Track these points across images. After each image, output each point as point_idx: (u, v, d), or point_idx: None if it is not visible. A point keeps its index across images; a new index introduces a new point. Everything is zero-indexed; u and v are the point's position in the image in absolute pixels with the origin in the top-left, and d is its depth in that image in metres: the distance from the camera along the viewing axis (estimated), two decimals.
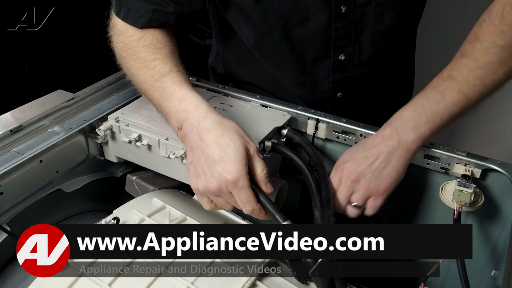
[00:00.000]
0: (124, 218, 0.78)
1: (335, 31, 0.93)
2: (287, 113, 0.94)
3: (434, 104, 0.76)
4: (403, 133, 0.76)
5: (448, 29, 1.44)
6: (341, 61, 0.97)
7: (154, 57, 0.80)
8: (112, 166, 1.01)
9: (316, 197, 0.74)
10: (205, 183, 0.69)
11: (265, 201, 0.70)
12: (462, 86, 0.76)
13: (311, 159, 0.83)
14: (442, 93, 0.76)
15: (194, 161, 0.71)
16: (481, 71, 0.75)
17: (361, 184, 0.76)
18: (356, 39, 0.95)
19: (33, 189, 0.85)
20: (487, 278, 0.82)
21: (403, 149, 0.76)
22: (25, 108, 0.92)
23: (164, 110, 0.77)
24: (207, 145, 0.69)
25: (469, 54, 0.76)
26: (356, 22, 0.93)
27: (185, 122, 0.72)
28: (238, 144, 0.69)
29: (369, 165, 0.76)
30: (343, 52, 0.96)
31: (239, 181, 0.67)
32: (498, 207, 0.84)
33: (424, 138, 0.77)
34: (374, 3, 0.92)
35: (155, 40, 0.83)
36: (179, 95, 0.75)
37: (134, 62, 0.82)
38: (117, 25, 0.86)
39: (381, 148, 0.76)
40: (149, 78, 0.79)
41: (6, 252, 0.83)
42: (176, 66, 0.80)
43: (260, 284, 0.71)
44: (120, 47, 0.85)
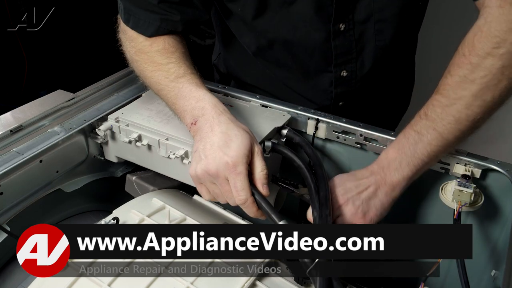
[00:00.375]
0: (124, 218, 0.78)
1: (335, 48, 0.94)
2: (287, 113, 0.94)
3: (412, 145, 0.76)
4: (388, 173, 0.77)
5: (448, 29, 1.43)
6: (343, 77, 0.98)
7: (168, 60, 0.83)
8: (112, 166, 1.01)
9: (314, 197, 0.74)
10: (204, 165, 0.70)
11: (261, 201, 0.70)
12: (436, 124, 0.74)
13: (311, 159, 0.83)
14: (418, 133, 0.75)
15: (199, 148, 0.72)
16: (453, 108, 0.72)
17: (348, 208, 0.76)
18: (358, 56, 0.96)
19: (33, 189, 0.85)
20: (487, 278, 0.82)
21: (389, 187, 0.77)
22: (25, 108, 0.92)
23: (179, 107, 0.79)
24: (215, 134, 0.71)
25: (442, 90, 0.74)
26: (356, 39, 0.94)
27: (201, 118, 0.74)
28: (245, 137, 0.71)
29: (359, 193, 0.76)
30: (345, 68, 0.97)
31: (238, 166, 0.68)
32: (498, 207, 0.84)
33: (408, 179, 0.77)
34: (373, 20, 0.92)
35: (167, 44, 0.85)
36: (196, 94, 0.77)
37: (148, 66, 0.84)
38: (128, 31, 0.88)
39: (370, 180, 0.77)
40: (163, 79, 0.81)
41: (6, 252, 0.83)
42: (189, 68, 0.83)
43: (260, 284, 0.71)
44: (133, 52, 0.87)
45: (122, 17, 0.89)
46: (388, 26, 0.93)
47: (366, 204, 0.76)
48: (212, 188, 0.73)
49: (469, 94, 0.70)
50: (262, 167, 0.71)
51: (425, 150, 0.75)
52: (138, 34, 0.87)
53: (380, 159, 0.79)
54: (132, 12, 0.86)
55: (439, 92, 0.74)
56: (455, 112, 0.72)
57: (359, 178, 0.78)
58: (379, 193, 0.76)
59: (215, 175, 0.70)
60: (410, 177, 0.77)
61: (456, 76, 0.71)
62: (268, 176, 0.72)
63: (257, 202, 0.70)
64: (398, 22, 0.93)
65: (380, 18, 0.91)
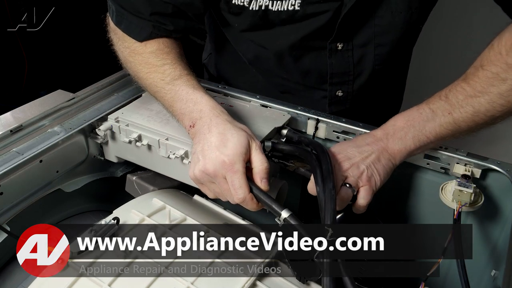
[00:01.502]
0: (124, 218, 0.78)
1: (331, 67, 0.94)
2: (287, 113, 0.94)
3: (423, 121, 0.77)
4: (391, 140, 0.78)
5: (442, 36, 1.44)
6: (338, 96, 0.99)
7: (163, 62, 0.82)
8: (112, 166, 1.01)
9: (318, 173, 0.73)
10: (201, 166, 0.70)
11: (261, 194, 0.69)
12: (454, 110, 0.75)
13: (310, 144, 0.82)
14: (433, 112, 0.77)
15: (197, 150, 0.72)
16: (476, 100, 0.73)
17: (354, 173, 0.76)
18: (355, 79, 0.96)
19: (33, 189, 0.85)
20: (487, 278, 0.82)
21: (390, 154, 0.78)
22: (25, 108, 0.92)
23: (177, 110, 0.79)
24: (212, 135, 0.71)
25: (470, 79, 0.75)
26: (356, 63, 0.94)
27: (199, 121, 0.75)
28: (242, 136, 0.71)
29: (363, 158, 0.77)
30: (340, 89, 0.98)
31: (235, 164, 0.69)
32: (498, 207, 0.84)
33: (409, 151, 0.78)
34: (373, 44, 0.92)
35: (161, 45, 0.84)
36: (193, 97, 0.77)
37: (142, 67, 0.83)
38: (119, 32, 0.87)
39: (373, 147, 0.78)
40: (159, 81, 0.81)
41: (6, 252, 0.83)
42: (185, 69, 0.82)
43: (260, 284, 0.71)
44: (126, 53, 0.86)
45: (113, 19, 0.87)
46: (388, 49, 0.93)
47: (370, 169, 0.76)
48: (213, 187, 0.73)
49: (496, 91, 0.71)
50: (261, 162, 0.71)
51: (434, 130, 0.76)
52: None
53: (387, 126, 0.80)
54: (124, 16, 0.85)
55: (467, 81, 0.75)
56: (476, 104, 0.73)
57: (361, 145, 0.79)
58: (382, 159, 0.77)
59: (213, 174, 0.70)
60: (411, 150, 0.78)
61: (489, 71, 0.72)
62: (268, 171, 0.71)
63: (256, 197, 0.70)
64: (397, 43, 0.93)
65: (380, 41, 0.91)
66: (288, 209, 0.68)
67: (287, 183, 0.84)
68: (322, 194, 0.70)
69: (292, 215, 0.67)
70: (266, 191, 0.71)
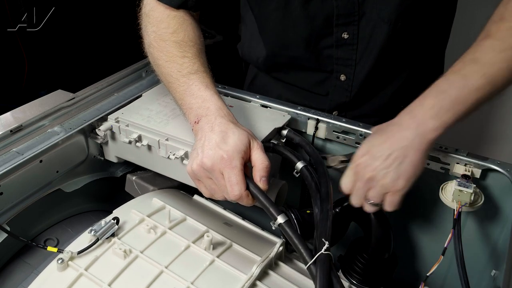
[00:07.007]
0: (124, 218, 0.78)
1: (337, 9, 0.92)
2: (287, 113, 0.94)
3: (456, 89, 0.70)
4: (422, 123, 0.71)
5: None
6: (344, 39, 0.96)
7: (184, 54, 0.83)
8: (112, 166, 1.01)
9: (316, 195, 0.74)
10: (199, 160, 0.70)
11: (259, 195, 0.69)
12: (487, 69, 0.70)
13: (311, 157, 0.83)
14: (465, 77, 0.71)
15: (198, 146, 0.72)
16: (507, 53, 0.70)
17: (376, 181, 0.72)
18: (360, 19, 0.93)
19: (33, 189, 0.85)
20: (487, 278, 0.82)
21: (420, 141, 0.71)
22: (25, 108, 0.92)
23: (185, 104, 0.79)
24: (214, 133, 0.72)
25: (494, 34, 0.71)
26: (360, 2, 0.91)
27: (204, 118, 0.75)
28: (242, 134, 0.71)
29: (384, 161, 0.72)
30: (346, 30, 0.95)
31: (233, 160, 0.69)
32: (498, 207, 0.84)
33: (446, 126, 0.71)
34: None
35: (186, 37, 0.85)
36: (204, 94, 0.78)
37: (163, 54, 0.85)
38: (152, 15, 0.88)
39: (396, 140, 0.72)
40: (175, 72, 0.82)
41: (6, 252, 0.83)
42: (203, 66, 0.83)
43: (260, 284, 0.71)
44: (152, 37, 0.87)
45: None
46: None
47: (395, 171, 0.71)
48: (209, 183, 0.73)
49: None
50: (261, 160, 0.71)
51: (471, 96, 0.70)
52: (162, 18, 0.87)
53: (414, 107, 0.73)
54: None
55: (491, 37, 0.72)
56: (509, 58, 0.70)
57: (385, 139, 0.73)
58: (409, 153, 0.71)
59: (210, 169, 0.70)
60: (449, 124, 0.71)
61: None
62: (268, 170, 0.71)
63: (254, 196, 0.70)
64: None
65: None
66: (285, 215, 0.67)
67: (286, 183, 0.84)
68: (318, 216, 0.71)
69: (288, 222, 0.67)
70: (265, 190, 0.70)
